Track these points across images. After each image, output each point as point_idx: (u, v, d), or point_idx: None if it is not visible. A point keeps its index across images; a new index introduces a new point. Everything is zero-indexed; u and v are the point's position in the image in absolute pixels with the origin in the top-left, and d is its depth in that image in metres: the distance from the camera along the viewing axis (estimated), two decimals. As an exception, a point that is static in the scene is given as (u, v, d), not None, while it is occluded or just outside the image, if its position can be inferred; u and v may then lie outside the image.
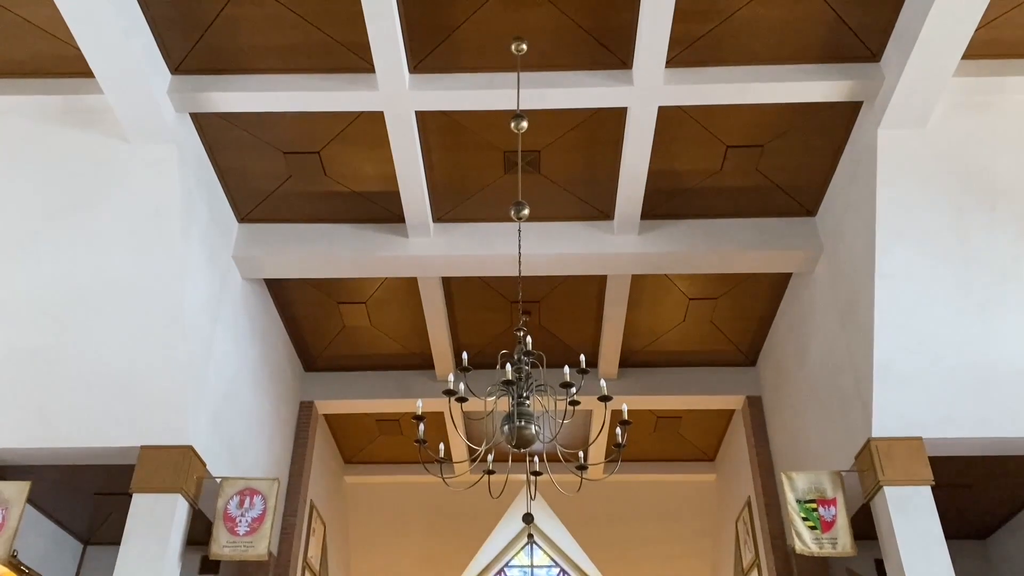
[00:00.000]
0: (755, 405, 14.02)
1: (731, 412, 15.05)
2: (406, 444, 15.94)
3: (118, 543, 9.48)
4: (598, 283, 12.46)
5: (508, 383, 7.10)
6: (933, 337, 9.67)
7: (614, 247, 11.31)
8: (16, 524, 9.59)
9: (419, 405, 7.36)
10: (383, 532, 17.60)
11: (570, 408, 7.16)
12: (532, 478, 7.91)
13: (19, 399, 9.92)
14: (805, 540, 9.58)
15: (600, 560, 18.29)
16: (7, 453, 10.03)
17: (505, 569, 19.45)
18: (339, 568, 16.72)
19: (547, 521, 18.14)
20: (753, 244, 11.24)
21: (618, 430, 7.30)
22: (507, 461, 8.39)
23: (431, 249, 11.35)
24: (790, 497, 9.95)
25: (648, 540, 17.54)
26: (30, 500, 10.13)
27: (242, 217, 11.46)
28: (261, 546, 10.07)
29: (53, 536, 12.74)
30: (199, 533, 10.43)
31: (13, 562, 11.24)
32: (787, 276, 12.24)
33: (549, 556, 19.33)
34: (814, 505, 9.74)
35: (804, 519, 9.67)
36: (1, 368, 9.87)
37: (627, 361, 14.11)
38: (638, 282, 12.37)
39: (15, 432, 9.89)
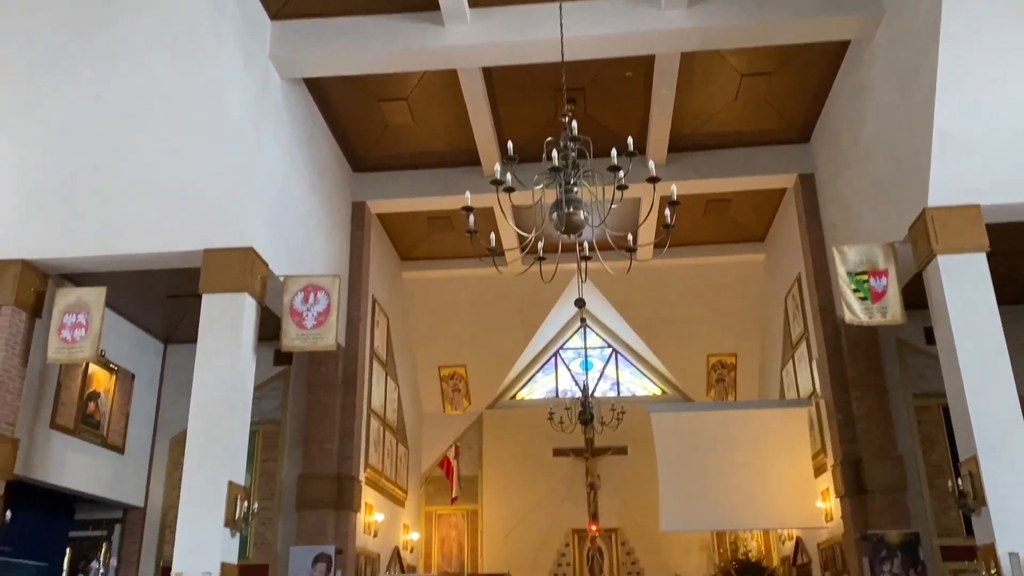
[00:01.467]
0: (807, 183, 13.80)
1: (782, 191, 14.87)
2: (458, 239, 16.25)
3: (195, 341, 10.12)
4: (645, 65, 11.98)
5: (555, 170, 7.06)
6: (997, 102, 9.22)
7: (662, 23, 10.77)
8: (99, 326, 10.26)
9: (467, 196, 7.42)
10: (442, 323, 18.43)
11: (618, 193, 7.13)
12: (582, 264, 8.05)
13: (87, 212, 10.31)
14: (855, 310, 9.74)
15: (650, 339, 19.02)
16: (82, 262, 10.55)
17: (560, 352, 20.41)
18: (404, 358, 17.71)
19: (598, 306, 18.72)
20: (810, 10, 10.59)
21: (667, 211, 7.30)
22: (557, 251, 8.52)
23: (469, 38, 10.96)
24: (841, 270, 10.02)
25: (696, 320, 18.06)
26: (109, 305, 10.79)
27: (274, 14, 11.13)
28: (328, 337, 10.64)
29: (136, 337, 13.63)
30: (270, 329, 11.04)
31: (102, 360, 12.16)
32: (844, 45, 11.59)
33: (601, 338, 20.16)
34: (865, 277, 9.82)
35: (855, 290, 9.79)
36: (66, 184, 10.22)
37: (676, 146, 13.85)
38: (687, 61, 11.86)
39: (87, 242, 10.36)
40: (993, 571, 8.44)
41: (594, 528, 17.83)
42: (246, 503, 9.85)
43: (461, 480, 18.59)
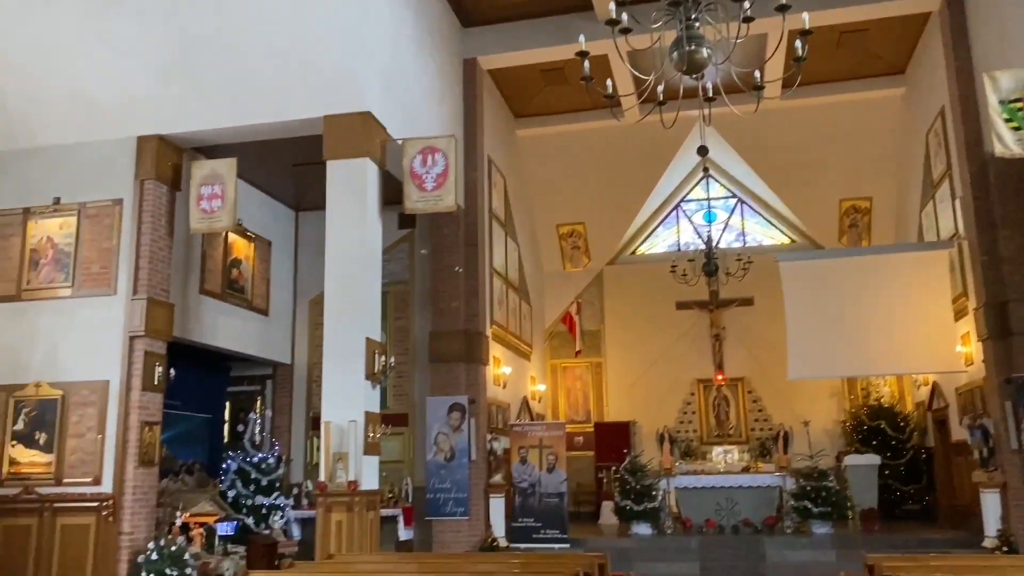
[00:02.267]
0: (955, 5, 12.50)
1: (926, 16, 13.55)
2: (573, 92, 15.81)
3: (324, 208, 10.47)
4: None
5: (674, 4, 6.63)
6: None
7: None
8: (234, 196, 10.74)
9: (581, 40, 7.11)
10: (559, 181, 18.27)
11: (743, 27, 6.65)
12: (705, 108, 7.67)
13: (213, 85, 10.63)
14: (1006, 142, 8.99)
15: (778, 187, 18.28)
16: (212, 134, 10.97)
17: (681, 204, 19.96)
18: (522, 218, 17.80)
19: (723, 153, 18.04)
20: None
21: (797, 43, 6.78)
22: (678, 96, 8.14)
23: None
24: (992, 99, 9.19)
25: (828, 164, 17.16)
26: (241, 176, 11.25)
27: None
28: (449, 199, 10.77)
29: (269, 206, 14.26)
30: (393, 194, 11.26)
31: (240, 229, 12.81)
32: None
33: (726, 187, 19.53)
34: (1019, 105, 8.97)
35: (1007, 120, 8.99)
36: (191, 58, 10.53)
37: (805, -28, 12.74)
38: None
39: (215, 115, 10.73)
40: None
41: (720, 378, 17.94)
42: (383, 357, 10.41)
43: (584, 334, 18.95)
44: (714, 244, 17.14)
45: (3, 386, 10.35)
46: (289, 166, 12.98)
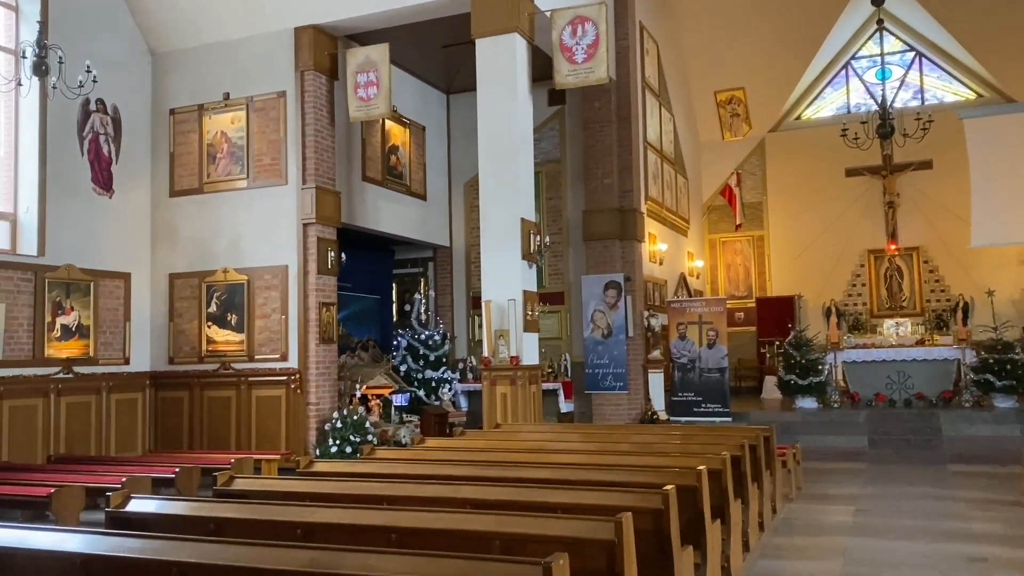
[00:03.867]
0: None
1: None
2: (729, -55, 14.70)
3: (474, 89, 10.45)
4: None
5: None
6: None
7: None
8: (388, 82, 10.91)
9: None
10: (716, 43, 17.25)
11: None
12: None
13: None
14: None
15: (964, 35, 16.45)
16: (361, 21, 11.10)
17: (851, 62, 18.44)
18: (677, 86, 17.06)
19: (900, 3, 16.39)
20: None
21: None
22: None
23: None
24: None
25: (1022, 3, 15.24)
26: (394, 61, 11.36)
27: None
28: (600, 70, 10.46)
29: (421, 91, 14.41)
30: (542, 71, 11.05)
31: (396, 115, 13.05)
32: None
33: (902, 40, 17.81)
34: None
35: None
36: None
37: None
38: None
39: (363, 1, 10.79)
40: None
41: (893, 247, 16.94)
42: (538, 237, 10.52)
43: (745, 207, 18.29)
44: (889, 104, 15.84)
45: (195, 273, 11.31)
46: (439, 48, 12.98)
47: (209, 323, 11.21)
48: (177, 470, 7.58)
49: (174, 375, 11.29)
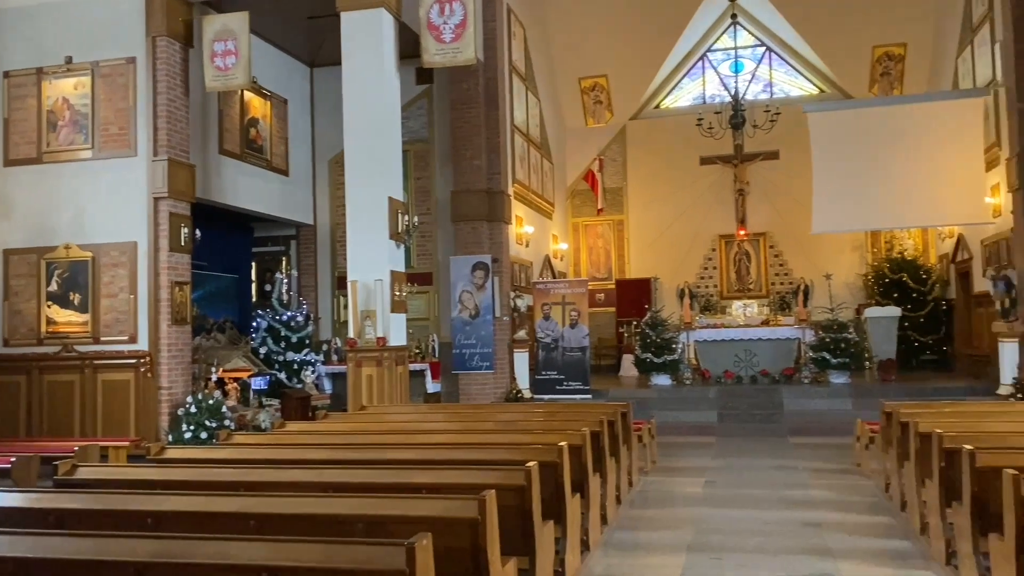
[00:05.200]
0: None
1: None
2: (595, -66, 14.98)
3: (339, 63, 10.20)
4: None
5: None
6: None
7: None
8: (247, 52, 10.47)
9: None
10: (581, 31, 17.58)
11: None
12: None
13: (213, -67, 10.13)
14: (1057, -21, 8.45)
15: (809, 33, 17.50)
16: (220, -12, 10.57)
17: (707, 54, 19.23)
18: (544, 71, 17.28)
19: (753, 0, 17.25)
20: None
21: None
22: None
23: None
24: (1045, -69, 8.58)
25: (862, 7, 16.33)
26: (255, 31, 10.92)
27: None
28: (468, 51, 10.44)
29: (284, 63, 13.90)
30: (410, 47, 10.92)
31: (255, 87, 12.57)
32: None
33: (754, 35, 18.73)
34: (1075, -64, 8.37)
35: (1059, -46, 8.42)
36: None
37: None
38: None
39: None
40: None
41: (742, 233, 17.87)
42: (406, 217, 10.43)
43: (606, 192, 18.79)
44: (741, 96, 16.68)
45: (34, 249, 10.52)
46: (303, 19, 12.57)
47: (49, 303, 10.46)
48: (13, 459, 7.06)
49: (9, 358, 10.47)
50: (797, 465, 8.99)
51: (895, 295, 15.73)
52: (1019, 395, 10.87)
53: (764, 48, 18.79)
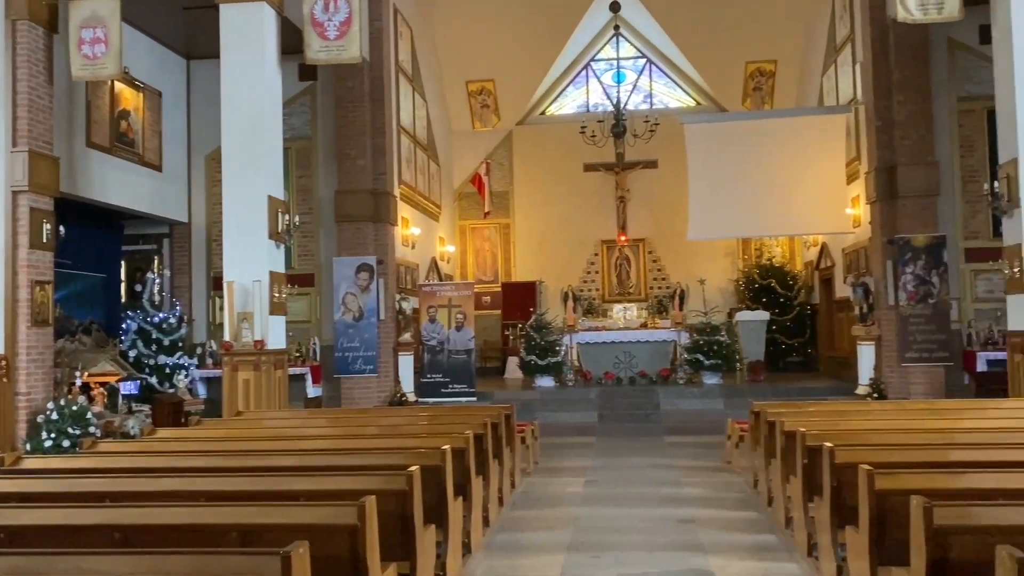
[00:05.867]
0: None
1: None
2: (482, -62, 15.07)
3: (218, 56, 9.86)
4: None
5: None
6: None
7: None
8: (118, 41, 9.96)
9: None
10: (469, 33, 17.65)
11: None
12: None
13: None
14: (908, 6, 9.10)
15: (687, 47, 18.19)
16: (88, -28, 10.01)
17: (591, 63, 19.67)
18: (431, 73, 17.24)
19: (634, 10, 17.74)
20: None
21: None
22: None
23: None
24: (899, -37, 9.21)
25: (737, 24, 17.08)
26: (127, 19, 10.40)
27: None
28: (353, 49, 10.29)
29: (158, 54, 13.30)
30: (293, 42, 10.66)
31: (127, 77, 11.99)
32: None
33: (635, 47, 19.29)
34: (923, -22, 9.03)
35: None
36: None
37: None
38: None
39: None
40: (1016, 269, 8.65)
41: (623, 238, 18.36)
42: (287, 216, 10.17)
43: (493, 195, 18.92)
44: (622, 105, 17.14)
45: None
46: (179, 9, 12.06)
47: None
48: None
49: None
50: (672, 463, 9.29)
51: (764, 300, 16.55)
52: (875, 394, 11.62)
53: (645, 60, 19.38)
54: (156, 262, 13.49)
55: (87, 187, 11.36)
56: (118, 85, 12.04)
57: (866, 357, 12.26)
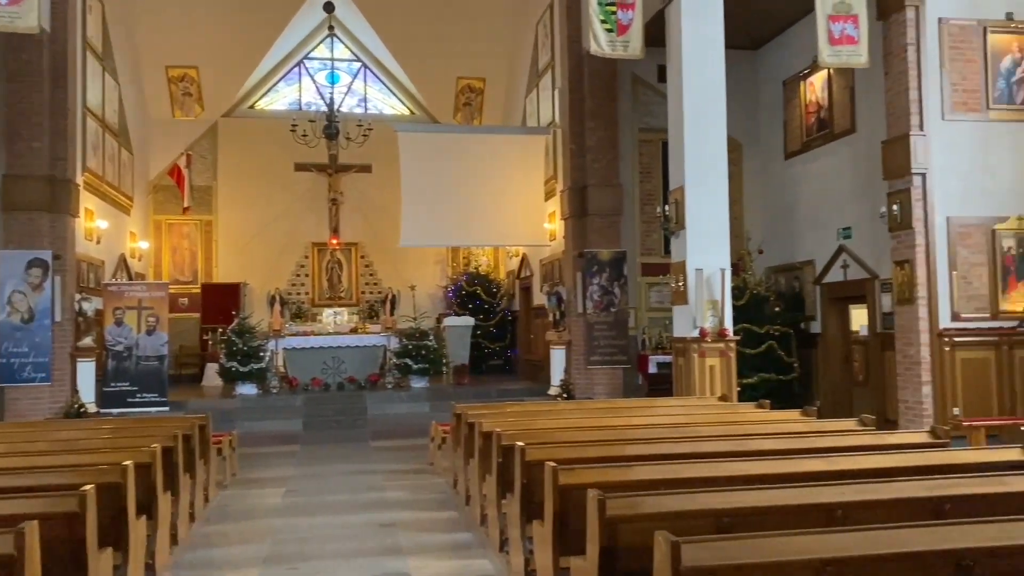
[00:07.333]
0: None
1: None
2: (189, -84, 14.13)
3: None
4: None
5: None
6: None
7: None
8: None
9: None
10: (170, 17, 16.44)
11: None
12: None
13: None
14: (600, 42, 10.00)
15: (401, 57, 18.43)
16: None
17: (305, 61, 19.23)
18: (125, 54, 15.81)
19: (349, 13, 17.65)
20: None
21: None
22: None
23: None
24: (592, -1, 10.10)
25: (449, 39, 17.57)
26: None
27: None
28: (30, 17, 9.18)
29: None
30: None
31: None
32: None
33: (350, 50, 19.17)
34: (613, 8, 9.97)
35: (602, 21, 9.97)
36: None
37: None
38: None
39: None
40: (680, 282, 9.85)
41: (334, 242, 18.14)
42: (-63, 201, 8.76)
43: (194, 190, 17.76)
44: (336, 107, 16.97)
45: None
46: None
47: None
48: None
49: None
50: (376, 468, 9.34)
51: (470, 306, 17.23)
52: (565, 395, 12.58)
53: (360, 64, 19.34)
54: None
55: None
56: None
57: (558, 360, 13.22)
